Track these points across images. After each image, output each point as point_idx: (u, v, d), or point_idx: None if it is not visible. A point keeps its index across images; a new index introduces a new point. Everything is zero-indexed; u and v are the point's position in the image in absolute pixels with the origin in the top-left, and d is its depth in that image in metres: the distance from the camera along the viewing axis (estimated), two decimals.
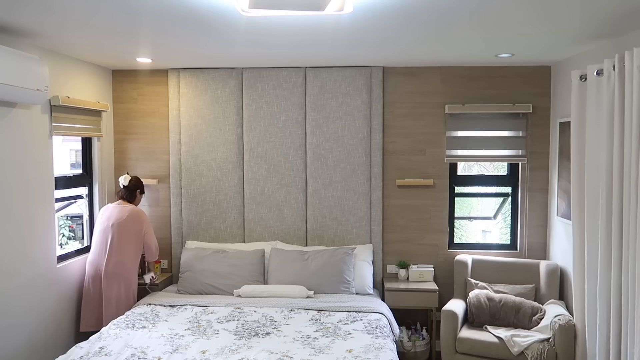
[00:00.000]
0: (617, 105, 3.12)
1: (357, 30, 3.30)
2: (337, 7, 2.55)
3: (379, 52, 4.07)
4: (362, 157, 4.74)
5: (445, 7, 2.78)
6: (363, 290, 4.49)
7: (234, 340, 3.46)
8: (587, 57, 3.83)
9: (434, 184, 4.77)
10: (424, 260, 4.83)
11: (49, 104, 3.95)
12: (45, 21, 3.09)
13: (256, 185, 4.82)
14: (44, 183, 3.92)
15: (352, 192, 4.76)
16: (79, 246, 4.69)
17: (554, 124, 4.57)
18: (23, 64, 3.33)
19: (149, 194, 4.95)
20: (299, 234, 4.82)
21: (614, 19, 2.98)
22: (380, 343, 3.40)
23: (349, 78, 4.71)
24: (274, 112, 4.77)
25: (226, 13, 2.88)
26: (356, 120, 4.73)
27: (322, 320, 3.82)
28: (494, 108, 4.65)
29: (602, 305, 3.32)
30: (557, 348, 3.72)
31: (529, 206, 4.73)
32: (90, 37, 3.53)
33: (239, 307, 4.08)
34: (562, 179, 4.33)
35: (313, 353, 3.24)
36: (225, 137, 4.82)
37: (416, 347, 4.47)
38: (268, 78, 4.76)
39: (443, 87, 4.73)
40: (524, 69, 4.66)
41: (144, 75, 4.89)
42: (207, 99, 4.81)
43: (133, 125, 4.95)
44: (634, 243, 2.97)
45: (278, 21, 3.06)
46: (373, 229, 4.79)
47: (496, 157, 4.81)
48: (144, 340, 3.44)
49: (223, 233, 4.87)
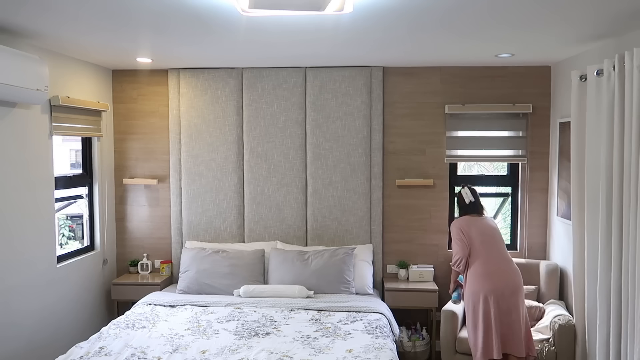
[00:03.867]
0: (617, 105, 3.12)
1: (357, 30, 3.30)
2: (337, 7, 2.55)
3: (379, 52, 4.07)
4: (362, 157, 4.74)
5: (445, 7, 2.78)
6: (363, 290, 4.49)
7: (234, 340, 3.45)
8: (587, 57, 3.83)
9: (434, 184, 4.77)
10: (424, 260, 4.83)
11: (49, 104, 3.95)
12: (45, 21, 3.09)
13: (256, 185, 4.82)
14: (44, 183, 3.92)
15: (352, 192, 4.76)
16: (79, 246, 4.70)
17: (554, 124, 4.57)
18: (23, 64, 3.33)
19: (149, 194, 4.96)
20: (299, 234, 4.82)
21: (614, 19, 2.98)
22: (380, 343, 3.40)
23: (349, 78, 4.71)
24: (274, 112, 4.77)
25: (226, 13, 2.88)
26: (356, 120, 4.73)
27: (322, 320, 3.82)
28: (494, 108, 4.65)
29: (602, 305, 3.32)
30: (557, 348, 3.72)
31: (529, 206, 4.73)
32: (91, 37, 3.53)
33: (238, 307, 4.08)
34: (562, 179, 4.33)
35: (313, 353, 3.24)
36: (225, 137, 4.82)
37: (416, 347, 4.47)
38: (268, 78, 4.76)
39: (443, 87, 4.73)
40: (524, 69, 4.66)
41: (144, 75, 4.89)
42: (207, 99, 4.81)
43: (133, 125, 4.94)
44: (634, 243, 2.97)
45: (278, 21, 3.06)
46: (373, 229, 4.79)
47: (496, 157, 4.81)
48: (143, 340, 3.43)
49: (223, 233, 4.87)
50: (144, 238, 5.00)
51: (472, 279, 3.73)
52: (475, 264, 3.74)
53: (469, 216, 3.92)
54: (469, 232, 3.81)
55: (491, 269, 3.70)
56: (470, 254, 3.78)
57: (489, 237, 3.82)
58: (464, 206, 4.00)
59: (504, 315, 3.61)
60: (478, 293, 3.66)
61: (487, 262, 3.72)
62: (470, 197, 3.96)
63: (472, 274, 3.75)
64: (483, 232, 3.83)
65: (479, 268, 3.71)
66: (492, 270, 3.69)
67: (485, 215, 4.00)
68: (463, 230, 3.83)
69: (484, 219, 3.95)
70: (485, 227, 3.87)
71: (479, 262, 3.73)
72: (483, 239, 3.80)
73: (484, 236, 3.81)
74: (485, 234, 3.83)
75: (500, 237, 3.88)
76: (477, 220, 3.90)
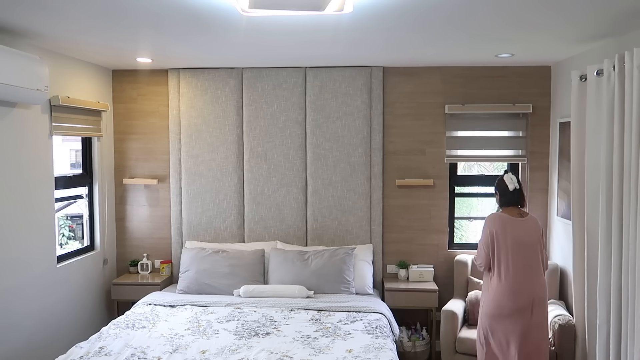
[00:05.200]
0: (617, 105, 3.12)
1: (357, 30, 3.30)
2: (337, 7, 2.55)
3: (379, 52, 4.07)
4: (362, 157, 4.74)
5: (445, 8, 2.78)
6: (363, 290, 4.49)
7: (234, 340, 3.45)
8: (587, 57, 3.83)
9: (434, 184, 4.77)
10: (424, 260, 4.83)
11: (49, 104, 3.95)
12: (41, 20, 3.09)
13: (256, 185, 4.82)
14: (44, 183, 3.92)
15: (352, 192, 4.76)
16: (79, 246, 4.70)
17: (554, 124, 4.57)
18: (23, 64, 3.33)
19: (149, 194, 4.96)
20: (299, 234, 4.82)
21: (614, 19, 2.98)
22: (380, 343, 3.40)
23: (349, 78, 4.71)
24: (274, 112, 4.77)
25: (226, 13, 2.88)
26: (356, 120, 4.73)
27: (322, 320, 3.82)
28: (494, 108, 4.65)
29: (602, 305, 3.32)
30: (557, 348, 3.72)
31: (529, 206, 4.72)
32: (90, 37, 3.53)
33: (238, 307, 4.08)
34: (562, 179, 4.33)
35: (313, 353, 3.24)
36: (225, 137, 4.82)
37: (416, 347, 4.47)
38: (268, 78, 4.76)
39: (443, 87, 4.73)
40: (524, 69, 4.66)
41: (144, 75, 4.89)
42: (207, 99, 4.81)
43: (133, 125, 4.94)
44: (634, 243, 2.97)
45: (278, 21, 3.06)
46: (373, 229, 4.79)
47: (496, 157, 4.81)
48: (143, 340, 3.43)
49: (223, 233, 4.87)
50: (144, 238, 5.00)
51: (492, 294, 3.40)
52: (497, 276, 3.38)
53: (508, 215, 3.44)
54: (501, 239, 3.37)
55: (514, 287, 3.32)
56: (492, 262, 3.41)
57: (523, 248, 3.36)
58: (506, 194, 3.50)
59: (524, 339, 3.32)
60: (493, 316, 3.37)
61: (510, 277, 3.33)
62: (516, 184, 3.49)
63: (493, 288, 3.40)
64: (519, 240, 3.37)
65: (500, 283, 3.36)
66: (515, 288, 3.33)
67: (527, 212, 3.54)
68: (495, 233, 3.39)
69: (526, 220, 3.45)
70: (523, 234, 3.39)
71: (502, 275, 3.36)
72: (515, 250, 3.35)
73: (518, 246, 3.36)
74: (521, 243, 3.36)
75: (536, 246, 3.41)
76: (517, 223, 3.41)
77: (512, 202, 3.50)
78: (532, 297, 3.33)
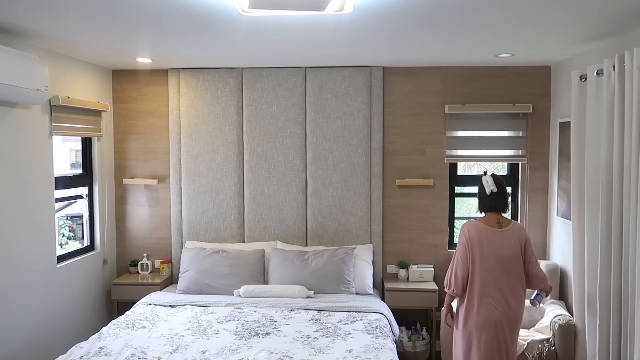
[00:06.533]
0: (617, 105, 3.12)
1: (357, 30, 3.30)
2: (337, 7, 2.55)
3: (379, 52, 4.07)
4: (362, 157, 4.74)
5: (446, 8, 2.78)
6: (363, 290, 4.49)
7: (234, 340, 3.46)
8: (587, 57, 3.83)
9: (434, 184, 4.77)
10: (424, 260, 4.83)
11: (49, 104, 3.95)
12: (39, 19, 3.08)
13: (256, 185, 4.82)
14: (44, 183, 3.92)
15: (352, 192, 4.76)
16: (79, 246, 4.70)
17: (554, 124, 4.57)
18: (23, 64, 3.33)
19: (149, 194, 4.96)
20: (299, 234, 4.82)
21: (614, 19, 2.98)
22: (380, 343, 3.40)
23: (349, 78, 4.70)
24: (274, 112, 4.77)
25: (226, 13, 2.88)
26: (356, 120, 4.73)
27: (322, 320, 3.82)
28: (494, 108, 4.65)
29: (602, 305, 3.32)
30: (557, 348, 3.72)
31: (529, 206, 4.73)
32: (89, 37, 3.53)
33: (238, 307, 4.08)
34: (562, 179, 4.33)
35: (313, 353, 3.24)
36: (225, 137, 4.82)
37: (416, 347, 4.47)
38: (268, 78, 4.76)
39: (443, 87, 4.73)
40: (524, 69, 4.66)
41: (144, 75, 4.89)
42: (207, 99, 4.81)
43: (133, 125, 4.94)
44: (634, 243, 2.97)
45: (278, 21, 3.06)
46: (373, 229, 4.79)
47: (496, 157, 4.81)
48: (144, 340, 3.44)
49: (223, 233, 4.87)
50: (144, 238, 5.00)
51: (467, 312, 3.20)
52: (473, 292, 3.15)
53: (485, 224, 3.18)
54: (476, 248, 3.12)
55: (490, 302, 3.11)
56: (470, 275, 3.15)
57: (499, 262, 3.09)
58: (483, 197, 3.25)
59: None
60: (471, 333, 3.19)
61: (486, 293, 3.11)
62: (492, 187, 3.19)
63: (467, 305, 3.19)
64: (497, 253, 3.10)
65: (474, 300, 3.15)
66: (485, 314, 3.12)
67: (508, 220, 3.24)
68: (470, 242, 3.14)
69: (506, 231, 3.16)
70: (500, 247, 3.11)
71: (477, 290, 3.14)
72: (491, 264, 3.09)
73: (495, 259, 3.10)
74: (500, 256, 3.10)
75: (515, 260, 3.13)
76: (493, 235, 3.14)
77: (490, 208, 3.24)
78: (501, 317, 3.13)
